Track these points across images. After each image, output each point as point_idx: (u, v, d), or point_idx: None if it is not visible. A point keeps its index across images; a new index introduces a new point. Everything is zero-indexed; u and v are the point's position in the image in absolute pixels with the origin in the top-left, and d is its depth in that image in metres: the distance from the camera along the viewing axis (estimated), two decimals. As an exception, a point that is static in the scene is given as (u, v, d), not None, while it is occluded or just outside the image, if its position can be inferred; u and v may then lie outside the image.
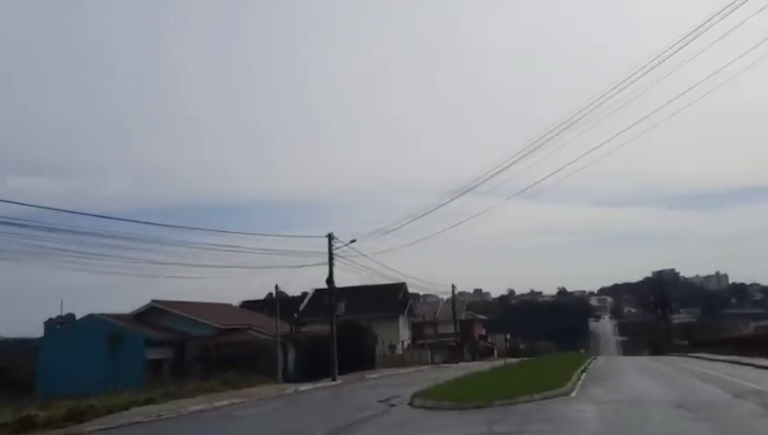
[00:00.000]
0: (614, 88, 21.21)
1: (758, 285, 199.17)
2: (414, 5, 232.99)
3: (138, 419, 18.10)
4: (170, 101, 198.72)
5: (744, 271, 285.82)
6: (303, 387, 28.66)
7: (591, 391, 18.09)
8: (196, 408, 20.56)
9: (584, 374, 25.75)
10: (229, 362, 32.94)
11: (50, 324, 37.97)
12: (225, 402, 21.97)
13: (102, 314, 36.19)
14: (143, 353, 34.07)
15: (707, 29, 17.02)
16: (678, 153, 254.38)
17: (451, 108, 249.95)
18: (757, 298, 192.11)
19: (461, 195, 31.43)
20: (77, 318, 37.87)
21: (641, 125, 22.10)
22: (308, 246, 34.68)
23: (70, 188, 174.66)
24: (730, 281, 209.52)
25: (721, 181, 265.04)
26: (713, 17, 16.68)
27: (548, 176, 27.37)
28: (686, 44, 17.96)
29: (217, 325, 37.71)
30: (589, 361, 39.83)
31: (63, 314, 38.66)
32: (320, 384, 30.64)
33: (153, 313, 38.53)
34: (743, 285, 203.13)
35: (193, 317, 37.90)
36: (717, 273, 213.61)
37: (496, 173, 28.51)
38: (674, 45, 18.30)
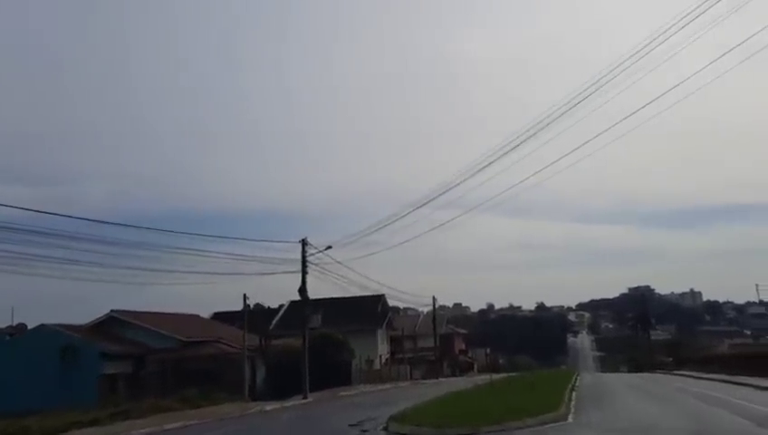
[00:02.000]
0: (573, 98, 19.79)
1: (731, 302, 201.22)
2: (390, 20, 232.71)
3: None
4: (146, 110, 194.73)
5: (717, 289, 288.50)
6: (270, 406, 26.37)
7: (589, 415, 16.16)
8: (142, 431, 18.29)
9: (574, 393, 23.89)
10: (192, 378, 30.56)
11: (-2, 335, 35.17)
12: (179, 424, 19.67)
13: (55, 325, 33.52)
14: (98, 367, 31.51)
15: (663, 41, 15.98)
16: (655, 172, 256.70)
17: (429, 117, 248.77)
18: (731, 316, 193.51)
19: (422, 205, 29.72)
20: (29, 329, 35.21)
21: (604, 137, 20.76)
22: (282, 253, 32.31)
23: (48, 197, 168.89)
24: (704, 298, 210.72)
25: (697, 200, 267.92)
26: (664, 32, 15.70)
27: (509, 188, 26.07)
28: (646, 53, 16.78)
29: (181, 338, 35.22)
30: (574, 378, 38.05)
31: (14, 325, 35.89)
32: (289, 403, 28.37)
33: (112, 324, 35.92)
34: (716, 302, 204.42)
35: (155, 329, 35.36)
36: (692, 290, 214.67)
37: (458, 184, 26.79)
38: (633, 55, 17.15)
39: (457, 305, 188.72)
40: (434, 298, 61.12)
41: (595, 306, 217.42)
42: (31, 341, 33.22)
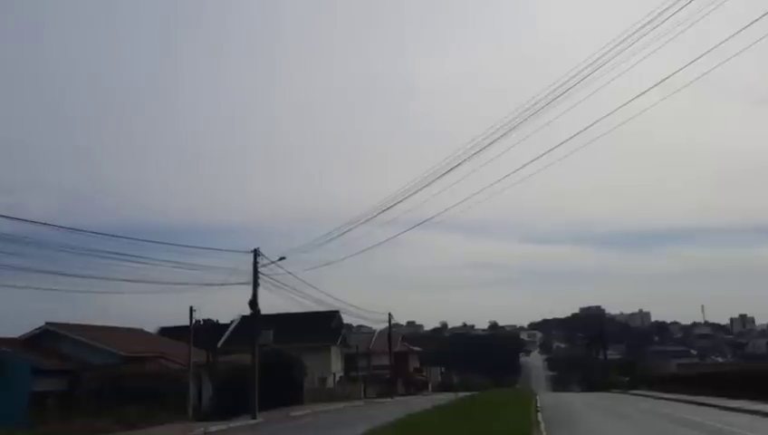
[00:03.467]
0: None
1: (678, 323, 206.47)
2: (353, 41, 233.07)
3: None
4: (97, 120, 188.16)
5: (665, 310, 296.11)
6: (215, 427, 24.44)
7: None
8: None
9: (540, 415, 22.84)
10: (132, 397, 28.30)
11: None
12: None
13: (-19, 338, 30.82)
14: (29, 384, 28.91)
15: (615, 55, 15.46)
16: (606, 195, 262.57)
17: (383, 133, 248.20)
18: (678, 336, 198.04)
19: (369, 219, 28.47)
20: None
21: (551, 155, 19.84)
22: (234, 264, 30.37)
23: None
24: (653, 319, 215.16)
25: (646, 223, 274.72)
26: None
27: (457, 203, 25.02)
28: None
29: (121, 353, 32.83)
30: (533, 398, 37.19)
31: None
32: (235, 424, 26.45)
33: (47, 337, 33.27)
34: (664, 323, 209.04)
35: (93, 343, 32.88)
36: (641, 310, 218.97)
37: (405, 198, 25.71)
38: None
39: (411, 323, 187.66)
40: (389, 315, 59.74)
41: (547, 326, 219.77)
42: (-47, 355, 30.36)
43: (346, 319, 58.62)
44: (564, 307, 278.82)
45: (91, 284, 25.51)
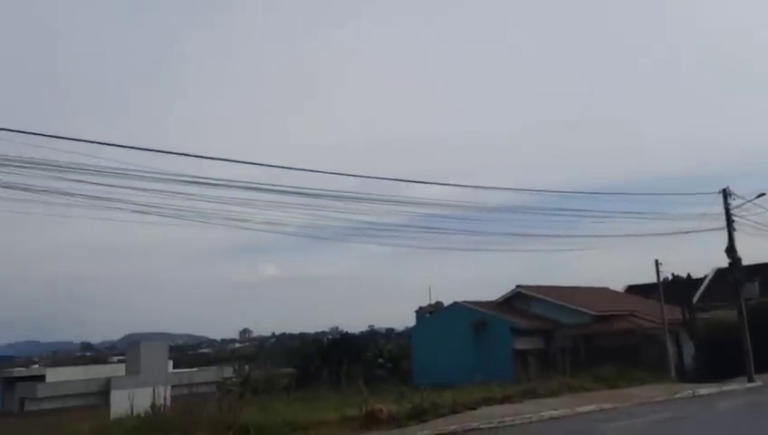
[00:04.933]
0: None
1: None
2: None
3: (474, 424, 14.66)
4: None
5: None
6: (704, 390, 21.63)
7: None
8: (553, 413, 16.24)
9: None
10: (605, 355, 27.75)
11: (420, 313, 38.27)
12: (592, 407, 17.10)
13: (466, 302, 34.63)
14: (509, 342, 31.25)
15: None
16: None
17: None
18: None
19: None
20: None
21: None
22: (702, 209, 26.90)
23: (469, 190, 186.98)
24: None
25: None
26: None
27: None
28: None
29: (591, 312, 32.52)
30: None
31: (432, 303, 38.70)
32: (728, 387, 22.99)
33: (518, 299, 35.42)
34: None
35: (562, 303, 33.44)
36: None
37: None
38: None
39: None
40: None
41: None
42: (446, 317, 35.01)
43: None
44: None
45: (556, 243, 25.96)
